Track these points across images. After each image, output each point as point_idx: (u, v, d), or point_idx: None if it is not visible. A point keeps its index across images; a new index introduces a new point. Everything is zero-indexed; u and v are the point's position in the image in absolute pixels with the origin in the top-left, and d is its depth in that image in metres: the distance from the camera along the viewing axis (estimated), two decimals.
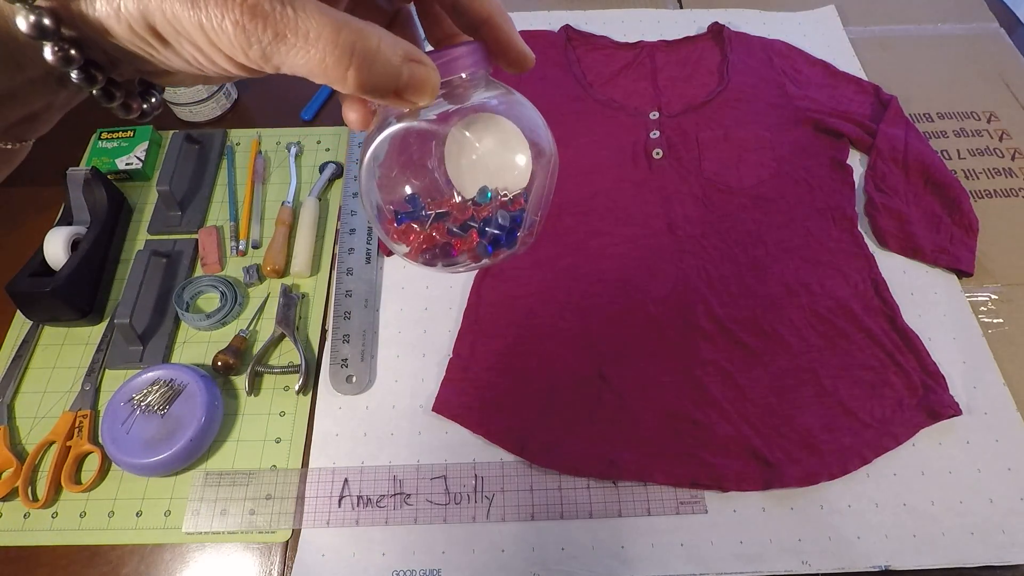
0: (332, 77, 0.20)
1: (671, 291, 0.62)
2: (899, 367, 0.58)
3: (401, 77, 0.21)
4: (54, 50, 0.19)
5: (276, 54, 0.19)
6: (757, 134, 0.70)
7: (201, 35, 0.19)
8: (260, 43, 0.19)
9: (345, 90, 0.20)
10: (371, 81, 0.20)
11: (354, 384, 0.59)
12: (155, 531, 0.53)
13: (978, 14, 0.86)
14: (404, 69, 0.21)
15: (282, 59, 0.19)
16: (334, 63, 0.19)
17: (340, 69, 0.19)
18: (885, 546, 0.51)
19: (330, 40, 0.19)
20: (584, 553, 0.51)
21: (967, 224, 0.65)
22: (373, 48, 0.20)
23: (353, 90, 0.20)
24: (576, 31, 0.81)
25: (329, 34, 0.19)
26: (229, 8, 0.18)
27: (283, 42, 0.19)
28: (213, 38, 0.19)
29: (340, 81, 0.20)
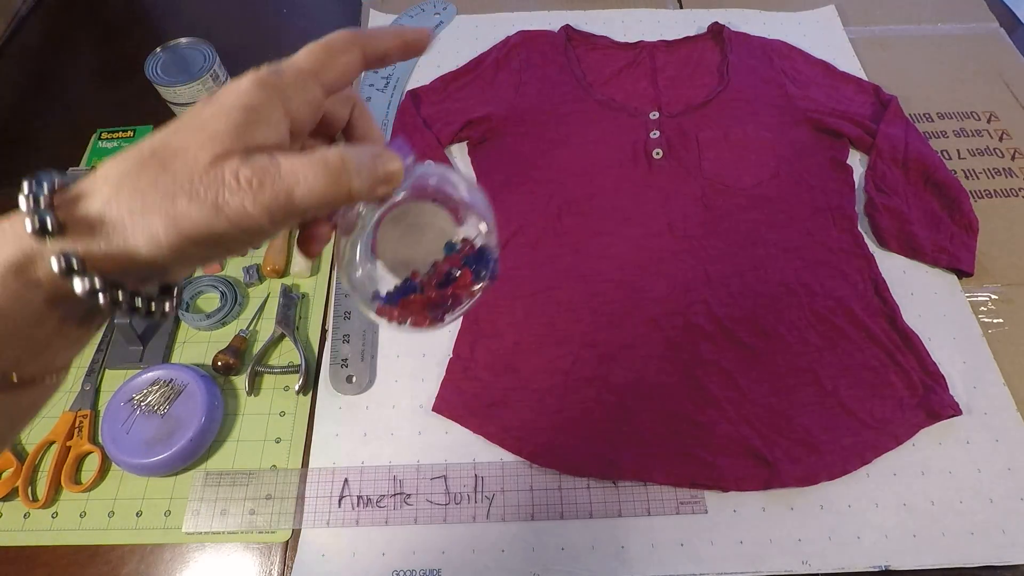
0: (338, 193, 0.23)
1: (671, 291, 0.62)
2: (899, 367, 0.58)
3: (379, 171, 0.25)
4: (84, 286, 0.21)
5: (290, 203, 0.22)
6: (757, 134, 0.70)
7: (234, 229, 0.22)
8: (278, 203, 0.22)
9: (342, 200, 0.23)
10: (362, 184, 0.24)
11: (354, 384, 0.59)
12: (155, 531, 0.53)
13: (978, 14, 0.86)
14: (379, 166, 0.25)
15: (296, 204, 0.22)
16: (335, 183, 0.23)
17: (342, 185, 0.23)
18: (885, 546, 0.51)
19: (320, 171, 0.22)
20: (584, 553, 0.51)
21: (967, 224, 0.65)
22: (353, 160, 0.23)
23: (347, 198, 0.23)
24: (576, 31, 0.81)
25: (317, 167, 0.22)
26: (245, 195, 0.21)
27: (290, 192, 0.22)
28: (243, 223, 0.22)
29: (342, 193, 0.23)
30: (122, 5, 0.94)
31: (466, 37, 0.84)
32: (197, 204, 0.21)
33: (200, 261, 0.24)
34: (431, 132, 0.72)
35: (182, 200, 0.21)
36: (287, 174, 0.22)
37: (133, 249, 0.22)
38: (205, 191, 0.21)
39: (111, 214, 0.22)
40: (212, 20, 0.91)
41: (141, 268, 0.22)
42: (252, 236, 0.23)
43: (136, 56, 0.77)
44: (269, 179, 0.22)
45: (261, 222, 0.22)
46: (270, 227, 0.22)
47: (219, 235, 0.22)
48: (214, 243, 0.22)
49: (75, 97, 0.83)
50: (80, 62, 0.87)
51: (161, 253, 0.22)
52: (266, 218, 0.22)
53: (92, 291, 0.21)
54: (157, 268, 0.23)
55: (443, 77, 0.78)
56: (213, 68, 0.75)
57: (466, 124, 0.73)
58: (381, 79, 0.78)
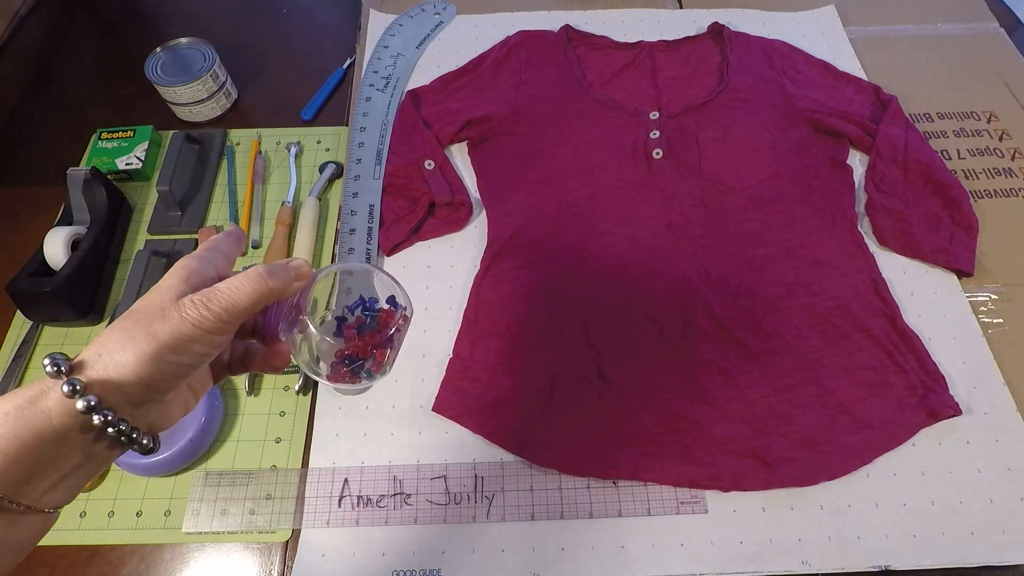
0: (264, 293, 0.32)
1: (671, 291, 0.62)
2: (899, 367, 0.58)
3: (291, 269, 0.34)
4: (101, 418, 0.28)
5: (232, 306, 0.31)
6: (757, 134, 0.70)
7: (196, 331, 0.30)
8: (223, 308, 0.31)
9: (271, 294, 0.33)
10: (279, 280, 0.33)
11: None
12: (155, 531, 0.53)
13: (978, 14, 0.86)
14: (290, 266, 0.34)
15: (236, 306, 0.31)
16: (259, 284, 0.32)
17: (265, 286, 0.32)
18: (885, 546, 0.51)
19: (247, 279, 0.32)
20: (584, 553, 0.51)
21: (967, 224, 0.65)
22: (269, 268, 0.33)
23: (274, 291, 0.33)
24: (576, 31, 0.81)
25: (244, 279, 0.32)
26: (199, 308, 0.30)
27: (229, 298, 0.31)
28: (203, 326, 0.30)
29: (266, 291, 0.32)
30: (122, 5, 0.94)
31: (466, 37, 0.84)
32: (168, 321, 0.29)
33: (176, 370, 0.30)
34: (431, 132, 0.72)
35: (156, 322, 0.29)
36: (225, 288, 0.31)
37: (124, 365, 0.28)
38: (173, 313, 0.30)
39: (105, 348, 0.29)
40: (212, 20, 0.91)
41: (132, 383, 0.28)
42: (213, 336, 0.30)
43: (136, 56, 0.77)
44: (214, 294, 0.31)
45: (217, 323, 0.30)
46: (224, 325, 0.31)
47: (187, 337, 0.29)
48: (184, 346, 0.30)
49: (75, 97, 0.83)
50: (80, 62, 0.87)
51: (145, 363, 0.28)
52: (219, 317, 0.30)
53: (89, 408, 0.27)
54: (145, 382, 0.29)
55: (443, 77, 0.78)
56: (213, 68, 0.75)
57: (466, 124, 0.73)
58: (381, 79, 0.78)
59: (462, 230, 0.68)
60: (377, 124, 0.74)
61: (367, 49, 0.83)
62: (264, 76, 0.84)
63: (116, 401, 0.29)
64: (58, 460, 0.28)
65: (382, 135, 0.73)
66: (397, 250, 0.66)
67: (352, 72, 0.83)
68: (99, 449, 0.30)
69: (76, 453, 0.29)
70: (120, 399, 0.29)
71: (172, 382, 0.31)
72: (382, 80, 0.78)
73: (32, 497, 0.28)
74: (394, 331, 0.38)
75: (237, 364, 0.38)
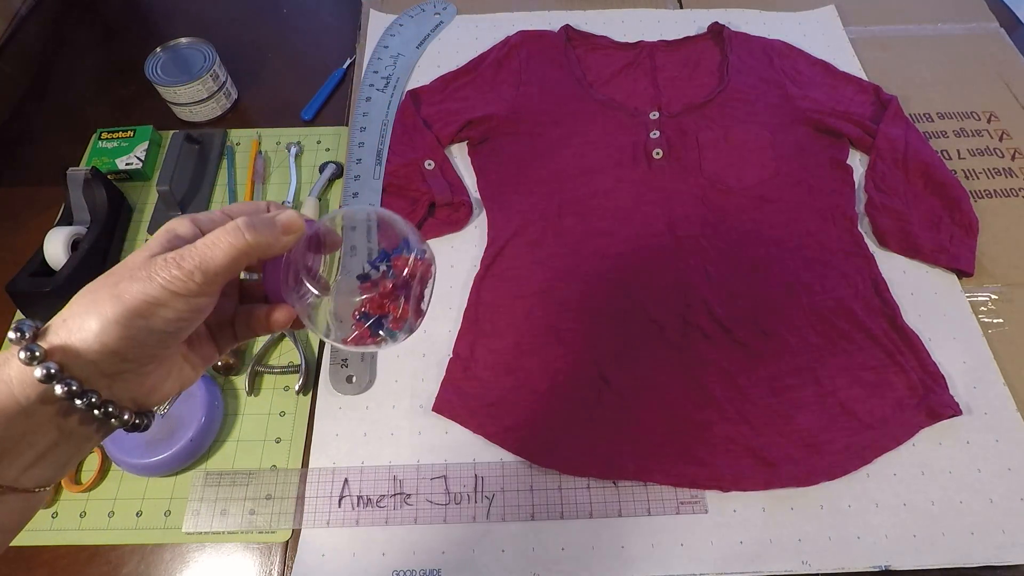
0: (242, 248, 0.28)
1: (671, 291, 0.62)
2: (899, 367, 0.58)
3: (276, 221, 0.30)
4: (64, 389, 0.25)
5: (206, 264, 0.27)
6: (757, 134, 0.70)
7: (165, 292, 0.27)
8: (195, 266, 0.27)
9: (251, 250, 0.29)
10: (262, 233, 0.29)
11: (354, 384, 0.59)
12: (155, 531, 0.53)
13: (978, 14, 0.86)
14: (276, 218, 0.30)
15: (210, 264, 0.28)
16: (235, 238, 0.28)
17: (242, 240, 0.28)
18: (885, 546, 0.51)
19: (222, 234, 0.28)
20: (584, 553, 0.51)
21: (967, 224, 0.65)
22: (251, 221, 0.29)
23: (255, 246, 0.29)
24: (576, 31, 0.81)
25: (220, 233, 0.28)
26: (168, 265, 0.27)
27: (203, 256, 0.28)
28: (171, 287, 0.27)
29: (245, 247, 0.28)
30: (122, 5, 0.94)
31: (466, 37, 0.84)
32: (135, 281, 0.26)
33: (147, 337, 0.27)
34: (431, 132, 0.72)
35: (124, 283, 0.27)
36: (200, 246, 0.28)
37: (87, 331, 0.26)
38: (141, 272, 0.27)
39: (71, 312, 0.26)
40: (212, 20, 0.91)
41: (97, 351, 0.26)
42: (186, 299, 0.27)
43: (136, 56, 0.77)
44: (188, 252, 0.28)
45: (189, 283, 0.27)
46: (197, 287, 0.27)
47: (154, 300, 0.26)
48: (151, 310, 0.26)
49: (75, 97, 0.83)
50: (80, 62, 0.87)
51: (109, 328, 0.26)
52: (191, 277, 0.27)
53: (48, 376, 0.25)
54: (111, 350, 0.26)
55: (443, 77, 0.78)
56: (213, 68, 0.75)
57: (466, 124, 0.73)
58: (381, 79, 0.78)
59: (462, 230, 0.68)
60: (377, 124, 0.74)
61: (367, 49, 0.83)
62: (264, 76, 0.84)
63: (83, 371, 0.26)
64: (29, 436, 0.26)
65: (382, 135, 0.73)
66: None
67: (352, 72, 0.83)
68: (72, 425, 0.27)
69: (48, 429, 0.27)
70: (88, 369, 0.26)
71: (146, 351, 0.28)
72: (382, 80, 0.78)
73: (7, 476, 0.26)
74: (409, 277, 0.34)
75: (244, 329, 0.34)
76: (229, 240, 0.28)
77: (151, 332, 0.27)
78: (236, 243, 0.28)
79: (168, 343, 0.28)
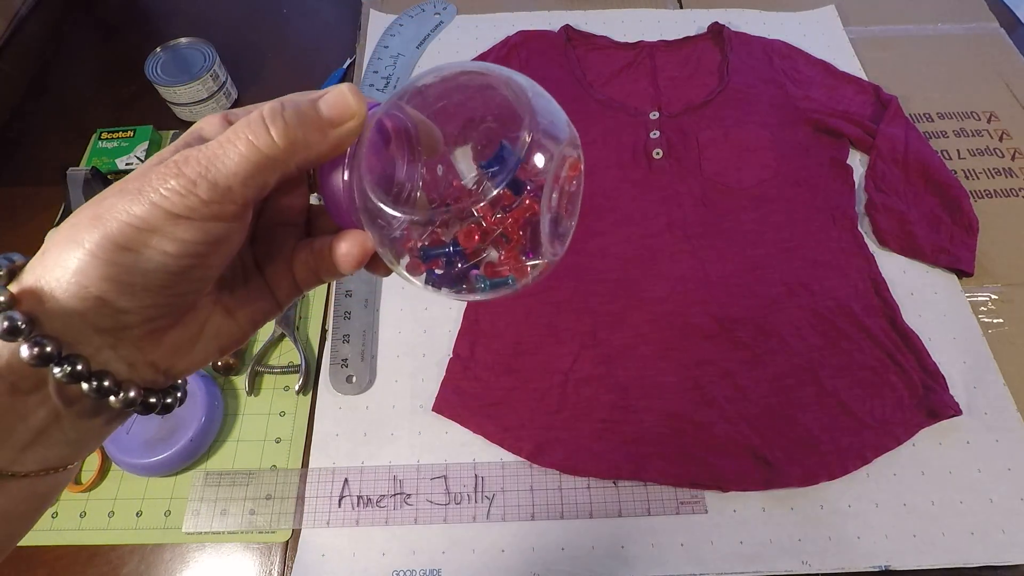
0: (266, 149, 0.20)
1: (671, 291, 0.62)
2: (899, 367, 0.57)
3: (319, 110, 0.21)
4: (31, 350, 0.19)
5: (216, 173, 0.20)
6: (757, 134, 0.70)
7: (156, 211, 0.19)
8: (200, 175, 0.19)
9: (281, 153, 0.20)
10: (297, 129, 0.20)
11: (354, 384, 0.59)
12: (155, 531, 0.53)
13: (978, 14, 0.86)
14: (319, 102, 0.21)
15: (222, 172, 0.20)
16: (255, 135, 0.20)
17: (266, 138, 0.20)
18: (885, 546, 0.51)
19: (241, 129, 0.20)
20: (584, 553, 0.51)
21: (967, 224, 0.65)
22: (279, 104, 0.21)
23: (288, 146, 0.20)
24: (576, 31, 0.81)
25: (239, 127, 0.20)
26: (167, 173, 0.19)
27: (215, 160, 0.20)
28: (166, 204, 0.19)
29: (271, 146, 0.20)
30: (122, 5, 0.94)
31: (466, 37, 0.84)
32: (123, 196, 0.19)
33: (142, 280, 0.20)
34: None
35: (110, 198, 0.19)
36: (212, 147, 0.20)
37: (64, 269, 0.19)
38: (132, 184, 0.20)
39: (53, 241, 0.20)
40: (212, 20, 0.91)
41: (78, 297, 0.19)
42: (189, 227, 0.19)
43: (136, 56, 0.77)
44: (192, 155, 0.20)
45: (189, 200, 0.19)
46: (202, 205, 0.19)
47: (142, 223, 0.19)
48: (141, 239, 0.19)
49: (75, 97, 0.83)
50: (80, 62, 0.87)
51: (89, 267, 0.19)
52: (193, 190, 0.19)
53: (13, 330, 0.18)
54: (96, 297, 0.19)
55: None
56: (213, 68, 0.75)
57: None
58: (381, 79, 0.78)
59: None
60: None
61: (367, 49, 0.83)
62: (264, 76, 0.84)
63: (65, 326, 0.19)
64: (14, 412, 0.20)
65: None
66: None
67: (352, 72, 0.83)
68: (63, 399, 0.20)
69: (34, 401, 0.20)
70: (72, 323, 0.19)
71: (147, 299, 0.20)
72: (382, 80, 0.78)
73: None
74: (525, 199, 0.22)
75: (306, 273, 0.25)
76: (247, 137, 0.20)
77: (146, 272, 0.19)
78: (259, 141, 0.20)
79: (178, 288, 0.20)
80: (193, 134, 0.22)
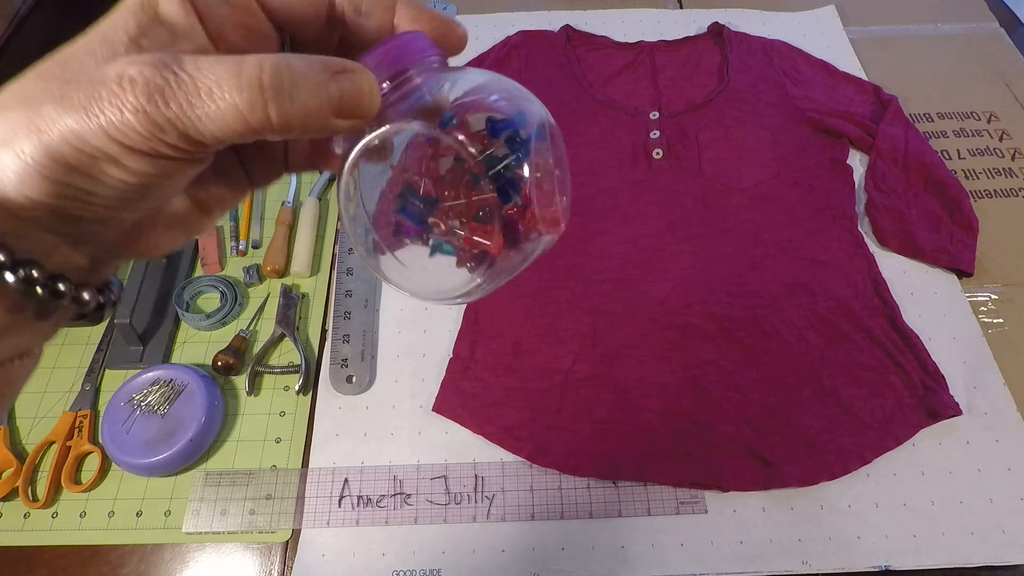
0: (256, 124, 0.17)
1: (671, 291, 0.62)
2: (899, 367, 0.57)
3: (330, 94, 0.18)
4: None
5: (190, 126, 0.17)
6: (757, 134, 0.70)
7: (112, 144, 0.17)
8: (170, 122, 0.16)
9: (276, 134, 0.18)
10: (297, 111, 0.18)
11: (354, 384, 0.59)
12: (155, 531, 0.53)
13: (978, 14, 0.86)
14: (331, 86, 0.18)
15: (198, 128, 0.17)
16: (248, 107, 0.17)
17: (258, 111, 0.17)
18: (885, 546, 0.51)
19: (233, 85, 0.17)
20: (584, 553, 0.51)
21: (967, 224, 0.65)
22: (284, 72, 0.17)
23: (284, 130, 0.18)
24: (576, 31, 0.81)
25: (230, 79, 0.17)
26: (125, 98, 0.16)
27: (191, 109, 0.17)
28: (124, 140, 0.17)
29: (265, 124, 0.17)
30: None
31: None
32: (67, 108, 0.17)
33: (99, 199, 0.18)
34: None
35: (48, 107, 0.17)
36: (190, 83, 0.16)
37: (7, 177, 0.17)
38: (78, 95, 0.17)
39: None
40: None
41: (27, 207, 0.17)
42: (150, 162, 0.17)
43: None
44: (167, 84, 0.16)
45: (153, 143, 0.17)
46: (169, 151, 0.17)
47: (95, 151, 0.17)
48: (95, 166, 0.17)
49: None
50: None
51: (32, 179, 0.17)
52: (161, 133, 0.17)
53: None
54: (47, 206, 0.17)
55: None
56: None
57: None
58: None
59: None
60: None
61: None
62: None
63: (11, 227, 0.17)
64: None
65: None
66: None
67: None
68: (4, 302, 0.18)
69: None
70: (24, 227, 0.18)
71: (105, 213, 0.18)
72: None
73: None
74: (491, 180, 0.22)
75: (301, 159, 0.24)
76: (236, 104, 0.17)
77: (101, 195, 0.18)
78: (252, 117, 0.17)
79: (137, 205, 0.19)
80: (147, 10, 0.18)
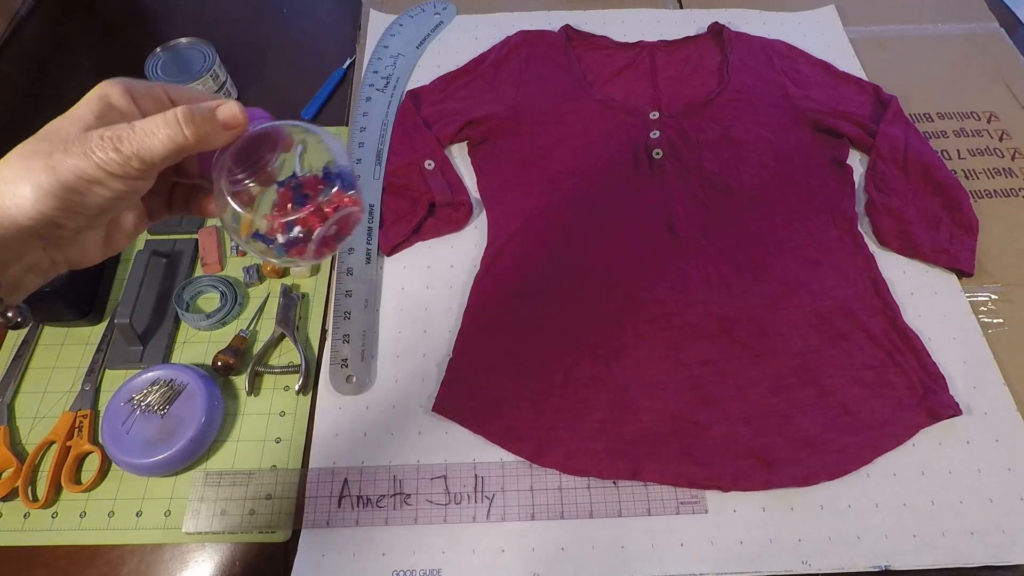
0: (181, 142, 0.29)
1: (671, 291, 0.62)
2: (899, 367, 0.58)
3: (217, 116, 0.31)
4: None
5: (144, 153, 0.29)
6: (757, 134, 0.70)
7: (100, 171, 0.28)
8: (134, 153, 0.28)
9: (190, 145, 0.30)
10: (202, 129, 0.30)
11: (354, 384, 0.59)
12: (155, 531, 0.53)
13: (978, 14, 0.86)
14: (218, 111, 0.31)
15: (151, 154, 0.29)
16: (174, 133, 0.29)
17: (180, 135, 0.29)
18: (885, 546, 0.51)
19: (163, 124, 0.29)
20: (584, 553, 0.51)
21: (967, 224, 0.65)
22: (189, 111, 0.30)
23: (196, 142, 0.30)
24: (576, 31, 0.81)
25: (161, 122, 0.29)
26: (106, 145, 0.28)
27: (142, 144, 0.29)
28: (108, 168, 0.28)
29: (185, 142, 0.29)
30: (122, 5, 0.94)
31: (466, 37, 0.84)
32: (70, 156, 0.28)
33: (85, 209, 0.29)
34: (431, 132, 0.72)
35: (58, 155, 0.27)
36: (139, 130, 0.29)
37: (23, 199, 0.27)
38: (77, 147, 0.28)
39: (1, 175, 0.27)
40: (212, 20, 0.91)
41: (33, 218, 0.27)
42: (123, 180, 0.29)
43: (136, 56, 0.77)
44: (125, 135, 0.28)
45: (126, 167, 0.28)
46: (134, 171, 0.29)
47: (90, 177, 0.28)
48: (86, 187, 0.28)
49: (75, 97, 0.82)
50: (80, 62, 0.87)
51: (45, 199, 0.27)
52: (128, 162, 0.28)
53: None
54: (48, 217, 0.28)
55: (443, 77, 0.78)
56: (213, 68, 0.75)
57: (466, 124, 0.73)
58: (381, 79, 0.78)
59: (462, 230, 0.68)
60: (377, 124, 0.74)
61: (367, 49, 0.83)
62: (264, 76, 0.84)
63: None
64: None
65: (382, 135, 0.73)
66: (397, 250, 0.66)
67: (352, 72, 0.83)
68: None
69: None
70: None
71: (82, 222, 0.29)
72: (382, 80, 0.78)
73: None
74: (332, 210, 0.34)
75: (180, 205, 0.36)
76: (168, 132, 0.29)
77: (87, 206, 0.29)
78: (175, 137, 0.29)
79: (104, 216, 0.30)
80: (103, 100, 0.30)
